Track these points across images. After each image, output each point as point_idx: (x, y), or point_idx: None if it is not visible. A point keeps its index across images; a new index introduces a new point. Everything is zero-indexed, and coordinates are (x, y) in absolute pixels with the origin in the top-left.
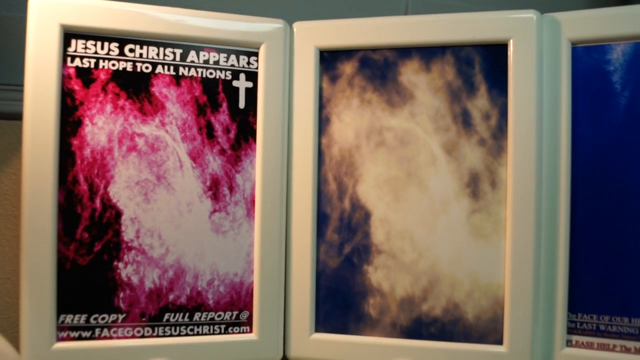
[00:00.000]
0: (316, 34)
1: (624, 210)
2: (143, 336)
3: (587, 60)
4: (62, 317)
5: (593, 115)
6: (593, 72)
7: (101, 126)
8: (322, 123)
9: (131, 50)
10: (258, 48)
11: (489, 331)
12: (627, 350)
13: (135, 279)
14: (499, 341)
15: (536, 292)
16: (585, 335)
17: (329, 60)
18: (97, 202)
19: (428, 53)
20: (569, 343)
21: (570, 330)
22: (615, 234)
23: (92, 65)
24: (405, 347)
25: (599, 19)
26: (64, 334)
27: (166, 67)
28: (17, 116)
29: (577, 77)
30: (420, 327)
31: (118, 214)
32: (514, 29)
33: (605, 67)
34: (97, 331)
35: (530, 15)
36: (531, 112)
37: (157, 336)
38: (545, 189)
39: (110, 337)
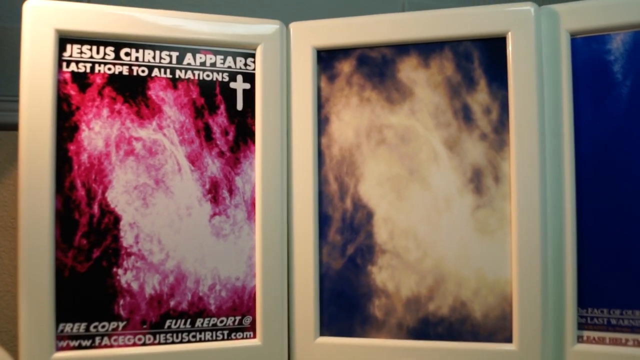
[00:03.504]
0: (313, 34)
1: (630, 201)
2: (144, 344)
3: (587, 50)
4: (61, 326)
5: (595, 105)
6: (593, 63)
7: (98, 131)
8: (322, 123)
9: (127, 54)
10: (255, 49)
11: (497, 329)
12: None
13: (135, 285)
14: (509, 339)
15: (544, 287)
16: (597, 330)
17: (327, 59)
18: (95, 207)
19: (426, 49)
20: (580, 339)
21: (581, 326)
22: (622, 225)
23: (88, 70)
24: (413, 348)
25: (597, 9)
26: (64, 343)
27: (162, 70)
28: (15, 127)
29: (577, 68)
30: (428, 327)
31: (116, 219)
32: (512, 21)
33: (605, 57)
34: (97, 340)
35: (528, 7)
36: (532, 104)
37: (159, 344)
38: (550, 182)
39: (111, 346)
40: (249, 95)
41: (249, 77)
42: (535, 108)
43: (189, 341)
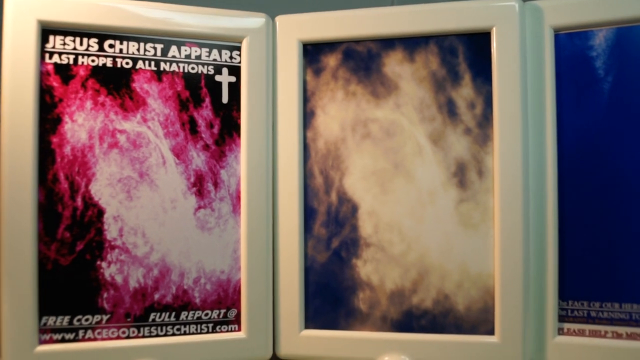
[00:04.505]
0: (299, 27)
1: (611, 195)
2: (128, 337)
3: (570, 46)
4: (44, 319)
5: (577, 101)
6: (576, 59)
7: (81, 123)
8: (307, 116)
9: (111, 46)
10: (240, 42)
11: (480, 322)
12: (619, 336)
13: (119, 279)
14: (491, 331)
15: (526, 280)
16: (577, 322)
17: (313, 53)
18: (79, 200)
19: (411, 43)
20: (560, 331)
21: (562, 318)
22: (603, 219)
23: (71, 62)
24: (397, 340)
25: (581, 5)
26: (47, 337)
27: (147, 62)
28: None
29: (560, 64)
30: (411, 320)
31: (100, 212)
32: (497, 17)
33: (588, 53)
34: (81, 333)
35: (512, 3)
36: (516, 99)
37: (143, 337)
38: (533, 177)
39: (95, 339)
40: (235, 88)
41: (235, 70)
42: (519, 103)
43: (173, 334)
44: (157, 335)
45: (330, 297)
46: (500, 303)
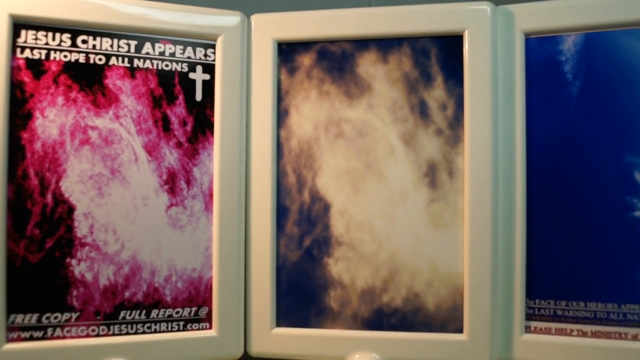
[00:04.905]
0: (274, 26)
1: (578, 197)
2: (98, 335)
3: (540, 51)
4: (12, 317)
5: (546, 104)
6: (546, 63)
7: (52, 119)
8: (281, 115)
9: (84, 42)
10: (215, 40)
11: (449, 320)
12: (584, 334)
13: (89, 276)
14: (459, 330)
15: (494, 279)
16: (544, 321)
17: (287, 52)
18: (49, 197)
19: (385, 44)
20: (527, 329)
21: (529, 317)
22: (570, 220)
23: (43, 57)
24: (367, 338)
25: (551, 10)
26: (14, 335)
27: (120, 58)
28: None
29: (530, 68)
30: (382, 318)
31: (70, 209)
32: (469, 20)
33: (557, 57)
34: (50, 331)
35: (485, 7)
36: (486, 102)
37: (113, 335)
38: (502, 178)
39: (64, 337)
40: (209, 86)
41: (209, 68)
42: (489, 105)
43: (143, 332)
44: (128, 334)
45: (302, 296)
46: (469, 302)
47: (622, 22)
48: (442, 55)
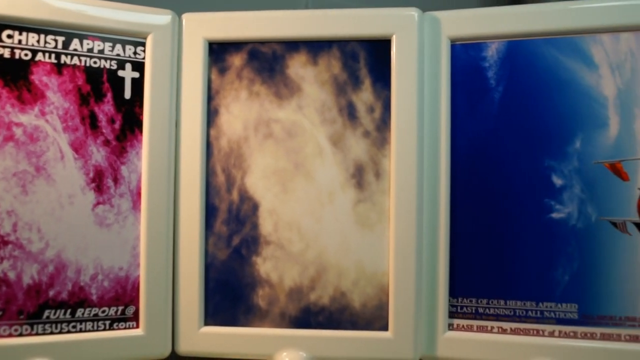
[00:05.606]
0: (205, 26)
1: (499, 199)
2: (21, 335)
3: (465, 57)
4: None
5: (471, 108)
6: (470, 68)
7: None
8: (211, 115)
9: (9, 37)
10: (145, 38)
11: (374, 318)
12: (504, 331)
13: (11, 275)
14: (385, 327)
15: (419, 279)
16: (466, 318)
17: (218, 52)
18: None
19: (315, 47)
20: (450, 327)
21: (452, 314)
22: (491, 221)
23: None
24: (295, 336)
25: (476, 18)
26: None
27: (47, 54)
28: None
29: (455, 73)
30: (309, 317)
31: None
32: (397, 25)
33: (481, 63)
34: None
35: (412, 12)
36: (413, 105)
37: (37, 334)
38: (427, 180)
39: None
40: (138, 84)
41: (138, 66)
42: (415, 108)
43: (68, 331)
44: (52, 333)
45: (230, 294)
46: (394, 300)
47: (542, 31)
48: (370, 58)
